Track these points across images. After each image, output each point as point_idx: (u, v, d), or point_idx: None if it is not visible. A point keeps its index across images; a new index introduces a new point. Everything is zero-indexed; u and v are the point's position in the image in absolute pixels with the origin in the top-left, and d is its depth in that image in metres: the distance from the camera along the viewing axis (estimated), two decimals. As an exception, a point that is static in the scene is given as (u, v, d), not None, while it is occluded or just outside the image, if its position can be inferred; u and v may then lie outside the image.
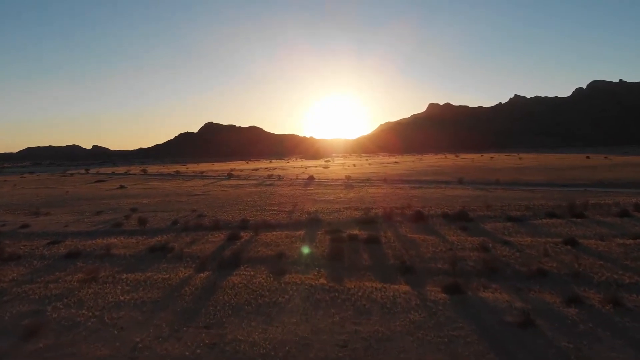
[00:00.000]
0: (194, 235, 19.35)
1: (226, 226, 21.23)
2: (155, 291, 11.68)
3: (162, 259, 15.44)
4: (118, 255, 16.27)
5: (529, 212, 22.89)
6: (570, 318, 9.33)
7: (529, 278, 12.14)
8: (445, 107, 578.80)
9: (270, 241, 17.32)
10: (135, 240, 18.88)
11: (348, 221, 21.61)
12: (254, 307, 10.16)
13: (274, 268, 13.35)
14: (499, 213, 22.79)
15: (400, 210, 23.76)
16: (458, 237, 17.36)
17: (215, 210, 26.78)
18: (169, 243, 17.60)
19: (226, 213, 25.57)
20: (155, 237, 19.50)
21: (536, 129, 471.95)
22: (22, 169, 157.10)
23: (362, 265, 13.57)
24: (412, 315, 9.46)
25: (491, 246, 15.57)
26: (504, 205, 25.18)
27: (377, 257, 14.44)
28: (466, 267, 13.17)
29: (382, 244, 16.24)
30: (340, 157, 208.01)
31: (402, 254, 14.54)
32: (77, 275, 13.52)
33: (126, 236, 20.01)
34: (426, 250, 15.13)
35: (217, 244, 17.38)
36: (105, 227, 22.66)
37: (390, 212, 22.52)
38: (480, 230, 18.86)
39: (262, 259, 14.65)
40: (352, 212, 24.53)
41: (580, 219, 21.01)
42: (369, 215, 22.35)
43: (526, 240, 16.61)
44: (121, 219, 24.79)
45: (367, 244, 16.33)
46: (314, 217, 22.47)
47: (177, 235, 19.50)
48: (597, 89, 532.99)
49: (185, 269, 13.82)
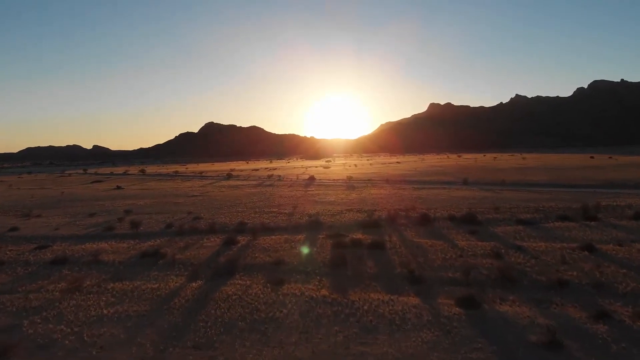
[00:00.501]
0: (188, 240, 18.38)
1: (223, 229, 20.26)
2: (142, 303, 10.71)
3: (152, 266, 14.47)
4: (106, 261, 15.30)
5: (540, 215, 21.92)
6: (600, 336, 8.35)
7: (548, 289, 11.17)
8: (446, 107, 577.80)
9: (269, 246, 16.36)
10: (127, 245, 17.92)
11: (350, 224, 20.64)
12: (248, 324, 9.19)
13: (272, 277, 12.37)
14: (508, 216, 21.82)
15: (405, 213, 22.78)
16: (468, 242, 16.38)
17: (212, 213, 25.81)
18: (162, 248, 16.65)
19: (223, 215, 24.60)
20: (147, 241, 18.55)
21: (537, 129, 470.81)
22: (21, 169, 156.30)
23: (366, 274, 12.59)
24: (425, 334, 8.48)
25: (504, 252, 14.59)
26: (512, 207, 24.20)
27: (383, 265, 13.46)
28: (479, 276, 12.19)
29: (387, 250, 15.27)
30: (341, 157, 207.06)
31: (410, 261, 13.56)
32: (60, 285, 12.56)
33: (117, 240, 19.05)
34: (435, 257, 14.15)
35: (212, 249, 16.41)
36: (97, 231, 21.70)
37: (394, 215, 21.55)
38: (490, 234, 17.89)
39: (260, 266, 13.68)
40: (355, 214, 23.55)
41: (594, 222, 20.04)
42: (373, 218, 21.38)
43: (540, 245, 15.63)
44: (114, 221, 23.84)
45: (372, 249, 15.36)
46: (315, 219, 21.50)
47: (171, 240, 18.53)
48: (598, 89, 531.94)
49: (176, 278, 12.85)
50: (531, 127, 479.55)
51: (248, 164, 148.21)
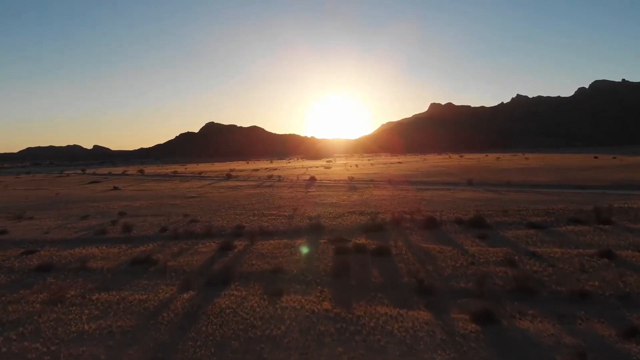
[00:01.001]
0: (182, 244, 17.48)
1: (219, 233, 19.36)
2: (127, 318, 9.81)
3: (143, 273, 13.57)
4: (94, 268, 14.40)
5: (551, 218, 20.99)
6: (635, 358, 7.46)
7: (570, 301, 10.26)
8: (447, 107, 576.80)
9: (267, 252, 15.44)
10: (117, 250, 17.02)
11: (353, 228, 19.73)
12: (242, 343, 8.27)
13: (270, 287, 11.48)
14: (517, 219, 20.90)
15: (410, 215, 21.86)
16: (478, 247, 15.47)
17: (209, 215, 24.91)
18: (154, 254, 15.75)
19: (221, 218, 23.70)
20: (140, 246, 17.65)
21: (538, 129, 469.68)
22: (20, 169, 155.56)
23: (372, 284, 11.68)
24: (440, 356, 7.56)
25: (518, 259, 13.67)
26: (521, 210, 23.29)
27: (389, 273, 12.54)
28: (494, 286, 11.27)
29: (393, 256, 14.35)
30: (342, 157, 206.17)
31: (418, 270, 12.64)
32: (42, 295, 11.67)
33: (109, 245, 18.15)
34: (445, 265, 13.24)
35: (207, 255, 15.50)
36: (88, 234, 20.81)
37: (399, 218, 20.64)
38: (501, 239, 16.97)
39: (257, 275, 12.77)
40: (357, 217, 22.64)
41: (608, 225, 19.11)
42: (376, 221, 20.45)
43: (555, 251, 14.71)
44: (107, 224, 22.95)
45: (376, 256, 14.45)
46: (316, 223, 20.58)
47: (164, 244, 17.63)
48: (599, 89, 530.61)
49: (167, 288, 11.94)
50: (532, 127, 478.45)
51: (248, 164, 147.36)
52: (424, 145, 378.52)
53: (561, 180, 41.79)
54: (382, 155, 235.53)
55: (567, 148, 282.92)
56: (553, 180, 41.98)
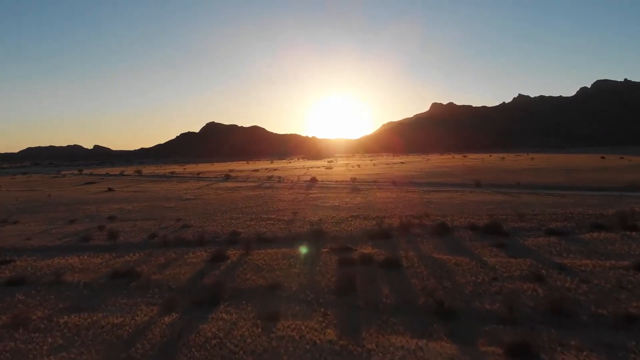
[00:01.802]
0: (171, 253, 15.96)
1: (212, 241, 17.84)
2: (95, 348, 8.28)
3: (123, 289, 12.05)
4: (70, 283, 12.88)
5: (571, 223, 19.45)
6: None
7: (615, 327, 8.72)
8: (448, 106, 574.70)
9: (264, 263, 13.90)
10: (99, 260, 15.50)
11: (358, 234, 18.19)
12: (228, 388, 6.74)
13: (265, 308, 9.94)
14: (535, 224, 19.35)
15: (419, 220, 20.32)
16: (498, 258, 13.91)
17: (203, 219, 23.37)
18: (138, 265, 14.24)
19: (215, 223, 22.16)
20: (125, 255, 16.14)
21: (540, 129, 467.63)
22: (19, 170, 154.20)
23: (382, 305, 10.13)
24: (475, 410, 6.01)
25: (545, 273, 12.12)
26: (537, 214, 21.74)
27: (402, 291, 10.99)
28: (524, 307, 9.73)
29: (404, 269, 12.80)
30: (343, 158, 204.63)
31: (434, 287, 11.09)
32: (5, 317, 10.16)
33: (92, 253, 16.65)
34: (464, 280, 11.68)
35: (197, 266, 13.97)
36: (72, 241, 19.30)
37: (407, 223, 19.08)
38: (521, 248, 15.42)
39: (250, 292, 11.23)
40: (362, 221, 21.10)
41: (634, 232, 17.58)
42: (382, 227, 18.91)
43: (585, 264, 13.15)
44: (94, 230, 21.44)
45: (385, 268, 12.90)
46: (317, 228, 19.05)
47: (151, 253, 16.10)
48: (601, 89, 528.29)
49: (147, 308, 10.41)
50: (534, 127, 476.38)
51: (248, 164, 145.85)
52: (425, 145, 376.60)
53: (572, 181, 40.21)
54: (384, 155, 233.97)
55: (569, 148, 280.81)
56: (563, 181, 40.38)
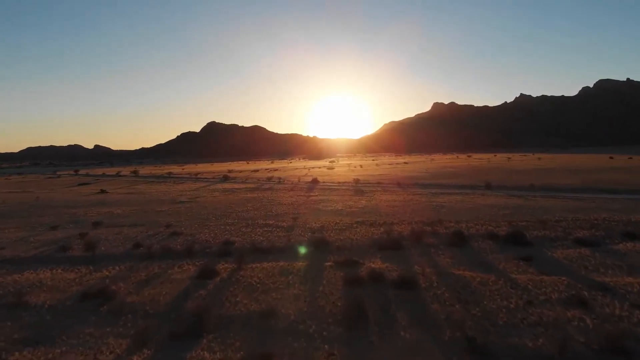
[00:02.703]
0: (155, 267, 14.12)
1: (202, 252, 16.00)
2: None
3: (92, 314, 10.22)
4: (33, 305, 11.04)
5: (600, 232, 17.61)
6: None
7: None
8: (450, 106, 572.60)
9: (258, 281, 12.04)
10: (74, 276, 13.67)
11: (364, 244, 16.34)
12: None
13: (256, 344, 8.11)
14: (560, 232, 17.50)
15: (431, 228, 18.46)
16: (527, 275, 12.06)
17: (195, 226, 21.52)
18: (115, 282, 12.42)
19: (208, 230, 20.31)
20: (103, 268, 14.31)
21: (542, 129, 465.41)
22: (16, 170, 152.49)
23: (401, 341, 8.27)
24: None
25: (588, 296, 10.27)
26: (560, 221, 19.88)
27: (422, 321, 9.13)
28: (573, 344, 7.88)
29: (422, 290, 10.94)
30: (345, 157, 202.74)
31: (461, 315, 9.23)
32: (-59, 352, 8.32)
33: (67, 266, 14.83)
34: (494, 305, 9.83)
35: (181, 285, 12.11)
36: (49, 251, 17.46)
37: (419, 231, 17.22)
38: (550, 261, 13.58)
39: (241, 321, 9.39)
40: (368, 228, 19.23)
41: (673, 241, 15.74)
42: (392, 235, 17.06)
43: (629, 282, 11.33)
44: (75, 238, 19.60)
45: (400, 289, 11.04)
46: (319, 237, 17.19)
47: (133, 267, 14.26)
48: (604, 88, 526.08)
49: (115, 342, 8.59)
50: (536, 126, 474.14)
51: (248, 164, 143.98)
52: (426, 145, 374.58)
53: (586, 182, 38.31)
54: (386, 155, 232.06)
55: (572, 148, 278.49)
56: (577, 183, 38.48)
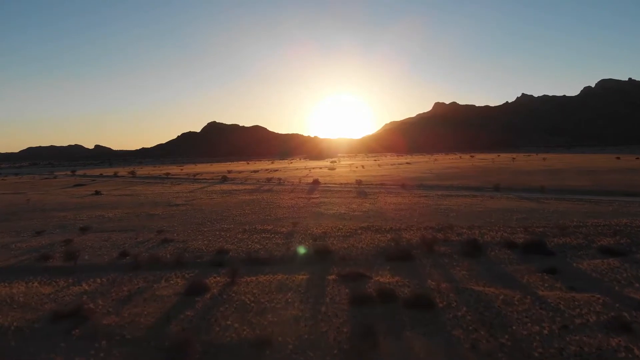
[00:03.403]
0: (140, 280, 12.78)
1: (193, 262, 14.65)
2: None
3: (61, 341, 8.88)
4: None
5: (624, 239, 16.26)
6: None
7: None
8: (451, 106, 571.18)
9: (252, 299, 10.68)
10: (49, 290, 12.33)
11: (371, 253, 15.00)
12: None
13: (248, 384, 6.75)
14: (582, 240, 16.14)
15: (443, 235, 17.10)
16: (556, 292, 10.70)
17: (188, 231, 20.17)
18: (93, 299, 11.06)
19: (202, 236, 18.96)
20: (83, 281, 12.97)
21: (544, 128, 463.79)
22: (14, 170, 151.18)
23: (420, 379, 6.91)
24: None
25: (629, 319, 8.92)
26: (579, 226, 18.52)
27: (444, 351, 7.77)
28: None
29: (439, 311, 9.57)
30: (346, 158, 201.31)
31: (487, 344, 7.87)
32: None
33: (45, 279, 13.50)
34: (525, 331, 8.45)
35: (166, 303, 10.76)
36: (28, 261, 16.14)
37: (430, 239, 15.85)
38: (578, 274, 12.23)
39: (230, 353, 8.04)
40: (374, 235, 17.87)
41: None
42: (400, 243, 15.70)
43: (673, 300, 9.96)
44: (59, 245, 18.26)
45: (414, 309, 9.67)
46: (322, 245, 15.84)
47: (115, 280, 12.90)
48: (606, 88, 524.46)
49: (81, 379, 7.24)
50: (537, 126, 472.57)
51: (248, 164, 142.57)
52: (428, 145, 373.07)
53: (597, 184, 36.90)
54: (388, 155, 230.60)
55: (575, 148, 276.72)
56: (588, 184, 37.08)
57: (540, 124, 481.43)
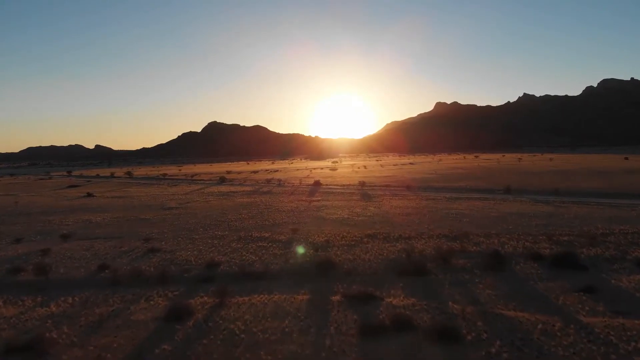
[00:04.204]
0: (116, 300, 11.16)
1: (179, 276, 13.01)
2: None
3: (6, 384, 7.24)
4: None
5: (662, 249, 14.57)
6: None
7: None
8: (452, 106, 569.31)
9: (243, 328, 9.03)
10: (12, 312, 10.73)
11: (380, 266, 13.36)
12: None
13: None
14: (614, 251, 14.48)
15: (459, 244, 15.44)
16: (601, 319, 9.05)
17: (178, 239, 18.52)
18: (57, 325, 9.44)
19: (192, 245, 17.31)
20: (52, 300, 11.36)
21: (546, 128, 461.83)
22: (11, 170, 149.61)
23: None
24: None
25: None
26: (607, 234, 16.87)
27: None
28: None
29: (468, 346, 7.90)
30: (348, 158, 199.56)
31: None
32: None
33: (12, 297, 11.93)
34: (579, 377, 6.80)
35: (142, 331, 9.11)
36: (-2, 273, 14.49)
37: (445, 250, 14.19)
38: (618, 294, 10.61)
39: (212, 404, 6.39)
40: (381, 244, 16.21)
41: None
42: (413, 255, 14.04)
43: None
44: (35, 255, 16.63)
45: (437, 343, 8.00)
46: (324, 257, 14.20)
47: (88, 300, 11.27)
48: (608, 87, 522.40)
49: None
50: (539, 126, 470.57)
51: (248, 164, 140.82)
52: (429, 145, 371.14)
53: (612, 186, 35.22)
54: (390, 156, 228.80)
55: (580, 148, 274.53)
56: (604, 186, 35.38)
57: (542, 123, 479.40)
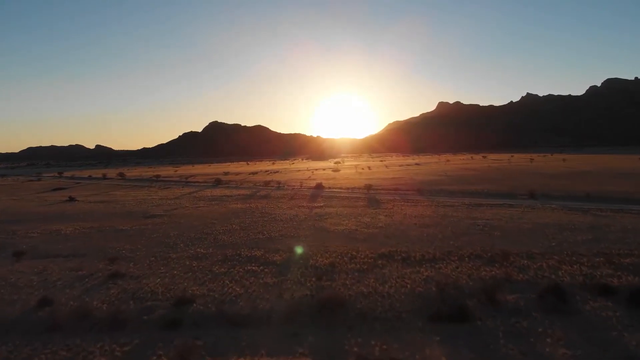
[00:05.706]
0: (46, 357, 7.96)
1: (137, 320, 9.75)
2: None
3: None
4: None
5: None
6: None
7: None
8: (455, 105, 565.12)
9: None
10: None
11: (403, 305, 10.09)
12: None
13: None
14: None
15: (499, 270, 12.16)
16: None
17: (151, 259, 15.23)
18: None
19: (165, 268, 14.03)
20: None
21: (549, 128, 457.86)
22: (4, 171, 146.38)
23: None
24: None
25: None
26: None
27: None
28: None
29: None
30: (350, 158, 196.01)
31: None
32: None
33: None
34: None
35: None
36: None
37: (488, 282, 10.93)
38: None
39: None
40: (402, 269, 12.90)
41: None
42: (445, 289, 10.76)
43: None
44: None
45: None
46: (331, 295, 10.96)
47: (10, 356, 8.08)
48: (611, 87, 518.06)
49: None
50: (542, 126, 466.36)
51: (248, 165, 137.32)
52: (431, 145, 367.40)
53: (644, 190, 31.90)
54: (393, 156, 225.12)
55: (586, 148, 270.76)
56: (633, 190, 32.06)
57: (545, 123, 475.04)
